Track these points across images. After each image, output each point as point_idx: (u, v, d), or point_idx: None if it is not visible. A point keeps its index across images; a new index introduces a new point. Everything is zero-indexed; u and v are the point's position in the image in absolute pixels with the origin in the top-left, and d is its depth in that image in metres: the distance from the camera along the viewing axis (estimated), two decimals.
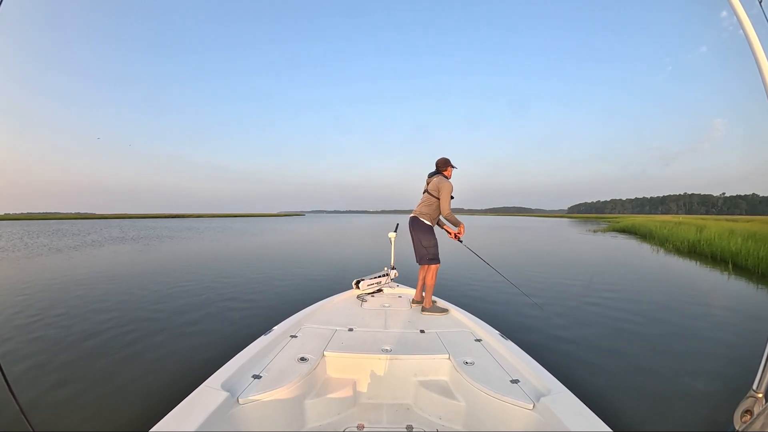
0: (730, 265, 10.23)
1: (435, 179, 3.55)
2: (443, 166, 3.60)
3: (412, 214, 3.68)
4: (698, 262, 11.45)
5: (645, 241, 19.65)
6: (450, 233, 3.75)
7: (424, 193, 3.66)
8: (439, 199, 3.48)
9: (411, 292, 4.02)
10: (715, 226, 17.65)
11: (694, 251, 13.87)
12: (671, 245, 15.84)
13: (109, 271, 9.34)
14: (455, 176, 3.66)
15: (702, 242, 13.76)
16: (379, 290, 4.10)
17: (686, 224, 21.38)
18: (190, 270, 9.50)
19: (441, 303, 3.54)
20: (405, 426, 2.05)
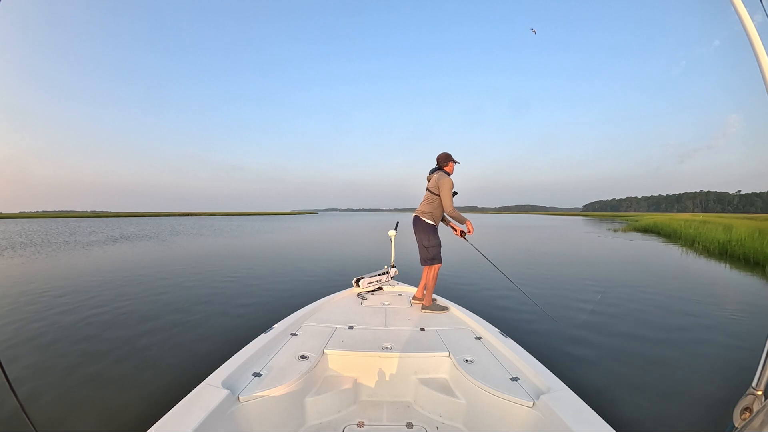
0: (767, 270, 9.54)
1: (435, 176, 3.44)
2: (444, 162, 3.49)
3: (414, 214, 3.60)
4: (729, 265, 10.70)
5: (669, 241, 18.84)
6: (456, 231, 3.62)
7: (426, 191, 3.54)
8: (440, 196, 3.37)
9: (411, 290, 4.01)
10: (742, 225, 16.85)
11: (725, 253, 13.06)
12: (700, 246, 15.02)
13: (114, 268, 9.52)
14: (459, 171, 3.56)
15: (733, 243, 12.97)
16: (380, 288, 4.09)
17: (711, 223, 20.54)
18: (192, 267, 9.62)
19: (441, 301, 3.51)
20: (405, 424, 2.05)
